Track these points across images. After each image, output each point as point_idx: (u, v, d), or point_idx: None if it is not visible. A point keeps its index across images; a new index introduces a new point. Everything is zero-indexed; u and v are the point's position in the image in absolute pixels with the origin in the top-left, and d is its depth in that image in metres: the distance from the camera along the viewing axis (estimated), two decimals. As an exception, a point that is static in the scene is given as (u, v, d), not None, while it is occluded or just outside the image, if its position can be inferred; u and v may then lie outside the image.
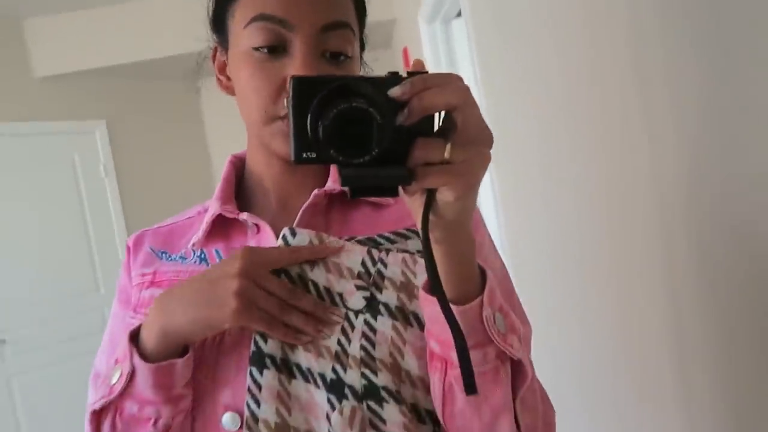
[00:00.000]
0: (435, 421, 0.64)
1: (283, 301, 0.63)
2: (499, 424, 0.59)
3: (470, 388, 0.49)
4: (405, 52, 3.48)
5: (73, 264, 3.73)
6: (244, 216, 0.71)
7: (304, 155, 0.48)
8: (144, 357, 0.63)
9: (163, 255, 0.76)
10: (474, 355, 0.53)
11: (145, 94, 4.22)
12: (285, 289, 0.63)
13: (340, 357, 0.63)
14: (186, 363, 0.63)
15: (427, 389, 0.63)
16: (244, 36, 0.66)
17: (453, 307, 0.51)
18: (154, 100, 4.27)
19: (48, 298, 3.60)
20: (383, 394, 0.62)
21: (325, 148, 0.46)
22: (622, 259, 0.99)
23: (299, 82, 0.48)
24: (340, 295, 0.65)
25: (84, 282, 3.80)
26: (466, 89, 0.47)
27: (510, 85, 1.51)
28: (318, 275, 0.66)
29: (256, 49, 0.65)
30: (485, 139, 0.48)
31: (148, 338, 0.63)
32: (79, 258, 3.76)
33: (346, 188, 0.69)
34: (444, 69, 2.56)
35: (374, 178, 0.47)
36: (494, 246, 0.77)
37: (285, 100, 0.51)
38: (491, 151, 0.49)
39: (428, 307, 0.57)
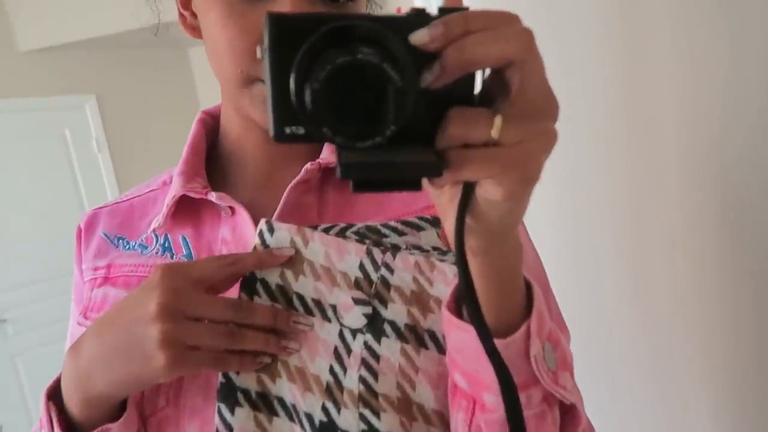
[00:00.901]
0: None
1: (228, 325, 0.48)
2: None
3: None
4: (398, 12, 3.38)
5: (69, 241, 3.69)
6: (213, 197, 0.58)
7: (288, 130, 0.32)
8: (70, 426, 0.51)
9: (120, 242, 0.63)
10: None
11: (134, 65, 4.11)
12: (228, 307, 0.49)
13: (333, 391, 0.49)
14: (124, 424, 0.51)
15: (446, 426, 0.50)
16: None
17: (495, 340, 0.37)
18: (144, 71, 4.17)
19: (46, 276, 3.57)
20: None
21: (316, 123, 0.30)
22: (633, 257, 0.96)
23: (278, 21, 0.31)
24: (334, 308, 0.51)
25: (82, 259, 3.78)
26: (528, 35, 0.31)
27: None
28: (304, 285, 0.52)
29: None
30: (551, 110, 0.33)
31: (70, 404, 0.51)
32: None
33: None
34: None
35: (388, 167, 0.31)
36: (533, 246, 0.63)
37: (258, 49, 0.34)
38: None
39: (455, 334, 0.44)
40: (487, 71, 0.33)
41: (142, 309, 0.46)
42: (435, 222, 0.55)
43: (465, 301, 0.37)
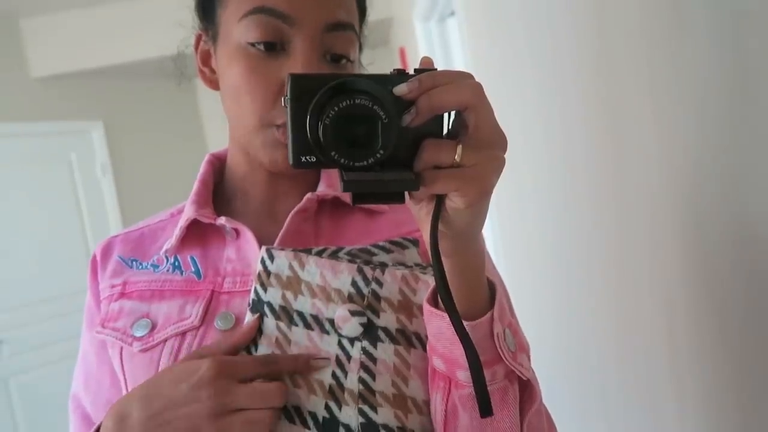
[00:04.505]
0: None
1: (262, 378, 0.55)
2: None
3: (485, 409, 0.45)
4: (402, 52, 3.47)
5: (70, 264, 3.72)
6: (221, 220, 0.66)
7: (303, 159, 0.44)
8: None
9: (134, 263, 0.70)
10: None
11: (142, 93, 4.21)
12: (258, 365, 0.56)
13: (335, 392, 0.56)
14: None
15: None
16: (239, 29, 0.60)
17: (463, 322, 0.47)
18: (152, 99, 4.27)
19: (45, 298, 3.60)
20: None
21: (326, 150, 0.42)
22: (616, 264, 0.98)
23: (298, 79, 0.44)
24: (331, 321, 0.58)
25: (81, 282, 3.72)
26: (479, 87, 0.44)
27: (502, 85, 1.51)
28: (303, 304, 0.59)
29: (252, 44, 0.60)
30: (499, 141, 0.44)
31: None
32: (76, 258, 3.76)
33: (347, 194, 0.65)
34: (440, 68, 2.55)
35: (379, 183, 0.43)
36: (491, 259, 0.73)
37: (283, 99, 0.46)
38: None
39: (433, 322, 0.53)
40: (452, 114, 0.45)
41: (196, 407, 0.52)
42: (415, 242, 0.64)
43: (440, 292, 0.45)
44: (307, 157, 0.44)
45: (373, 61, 0.77)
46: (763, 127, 0.54)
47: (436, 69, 0.45)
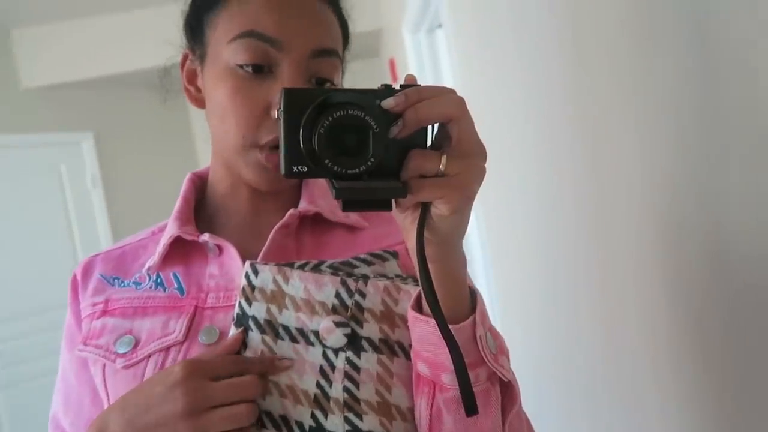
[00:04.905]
0: None
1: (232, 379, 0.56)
2: None
3: (471, 407, 0.47)
4: (392, 63, 3.50)
5: (60, 276, 3.69)
6: (204, 237, 0.66)
7: (295, 169, 0.46)
8: None
9: (116, 281, 0.70)
10: None
11: (133, 105, 4.21)
12: (229, 363, 0.57)
13: (321, 401, 0.57)
14: None
15: None
16: (228, 50, 0.62)
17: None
18: (142, 111, 4.26)
19: (35, 311, 3.57)
20: None
21: (320, 159, 0.44)
22: (601, 266, 1.00)
23: (290, 93, 0.47)
24: (316, 333, 0.59)
25: (71, 294, 3.77)
26: (461, 101, 0.46)
27: (489, 96, 1.53)
28: (287, 318, 0.60)
29: (240, 66, 0.61)
30: (480, 151, 0.47)
31: None
32: (66, 270, 3.71)
33: (327, 210, 0.68)
34: (429, 79, 2.58)
35: (369, 190, 0.45)
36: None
37: (276, 113, 0.49)
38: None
39: (418, 327, 0.54)
40: (436, 126, 0.48)
41: (170, 406, 0.53)
42: (395, 255, 0.66)
43: (426, 295, 0.47)
44: (299, 167, 0.46)
45: (364, 69, 0.79)
46: (733, 118, 0.56)
47: (419, 85, 0.48)
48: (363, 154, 0.45)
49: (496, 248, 1.78)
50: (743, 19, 0.53)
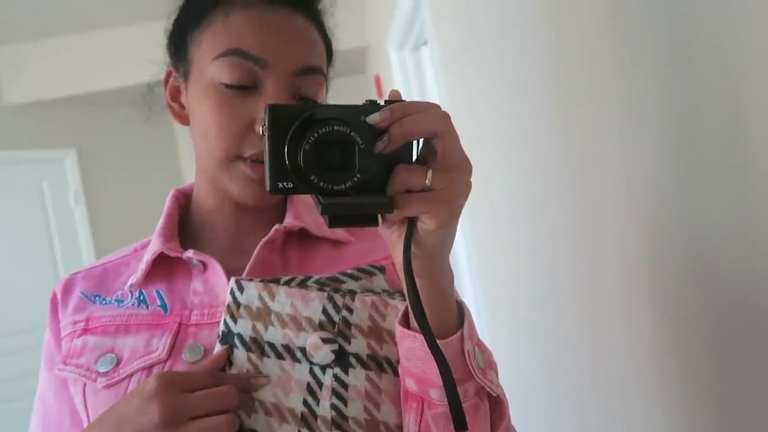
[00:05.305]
0: None
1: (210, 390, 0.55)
2: None
3: (460, 423, 0.47)
4: (377, 79, 3.52)
5: (41, 295, 3.63)
6: (189, 254, 0.65)
7: (281, 185, 0.46)
8: None
9: (97, 299, 0.69)
10: None
11: (116, 122, 4.18)
12: (206, 377, 0.56)
13: (308, 420, 0.56)
14: None
15: None
16: (212, 68, 0.62)
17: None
18: (126, 128, 4.20)
19: (14, 331, 3.51)
20: None
21: (306, 175, 0.44)
22: (588, 270, 1.00)
23: (275, 109, 0.46)
24: (302, 349, 0.58)
25: (52, 313, 3.71)
26: (446, 116, 0.46)
27: (474, 110, 1.54)
28: (273, 335, 0.59)
29: (225, 85, 0.61)
30: (465, 166, 0.47)
31: None
32: (47, 289, 3.65)
33: (313, 225, 0.68)
34: (415, 95, 2.59)
35: (355, 206, 0.45)
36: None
37: (260, 129, 0.48)
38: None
39: (406, 342, 0.54)
40: (421, 141, 0.48)
41: (146, 419, 0.52)
42: (382, 269, 0.66)
43: (414, 310, 0.47)
44: (284, 184, 0.46)
45: (349, 84, 0.79)
46: (711, 126, 0.56)
47: (404, 100, 0.48)
48: (349, 170, 0.45)
49: (482, 253, 1.79)
50: (722, 25, 0.53)
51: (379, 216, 0.47)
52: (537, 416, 1.40)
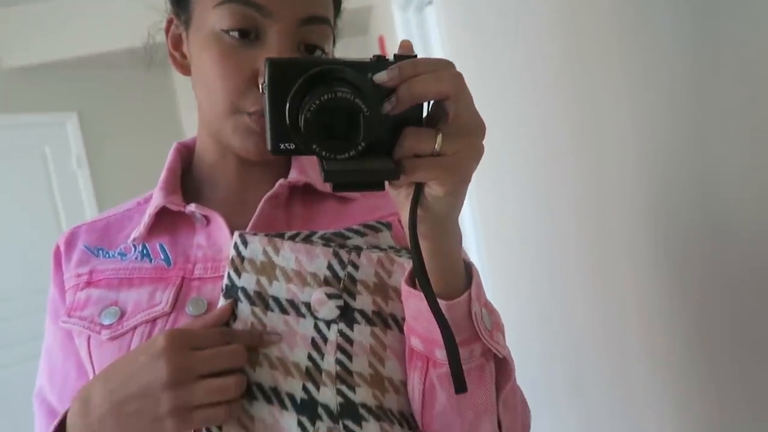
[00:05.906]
0: None
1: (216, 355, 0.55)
2: (481, 424, 0.56)
3: (460, 385, 0.47)
4: (381, 40, 3.46)
5: (45, 258, 3.65)
6: (191, 207, 0.65)
7: (282, 146, 0.44)
8: None
9: (100, 252, 0.68)
10: (460, 352, 0.49)
11: (117, 84, 4.14)
12: (215, 334, 0.56)
13: (312, 374, 0.56)
14: None
15: None
16: (214, 15, 0.60)
17: (440, 302, 0.48)
18: (127, 89, 4.19)
19: (20, 294, 3.54)
20: (362, 411, 0.56)
21: (307, 142, 0.42)
22: (596, 258, 1.00)
23: (275, 64, 0.44)
24: (307, 305, 0.58)
25: (58, 276, 3.74)
26: (459, 76, 0.44)
27: (478, 73, 1.51)
28: (278, 289, 0.59)
29: (226, 31, 0.59)
30: (478, 129, 0.45)
31: None
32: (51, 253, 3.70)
33: (318, 180, 0.66)
34: (420, 56, 2.54)
35: (360, 173, 0.43)
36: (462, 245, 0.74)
37: (260, 86, 0.46)
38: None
39: (412, 302, 0.54)
40: (431, 102, 0.45)
41: (153, 376, 0.52)
42: (389, 226, 0.65)
43: (417, 273, 0.46)
44: (286, 144, 0.44)
45: (351, 45, 0.77)
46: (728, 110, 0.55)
47: (415, 55, 0.45)
48: (353, 138, 0.42)
49: (489, 239, 1.78)
50: (741, 18, 0.51)
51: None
52: (538, 402, 1.41)
